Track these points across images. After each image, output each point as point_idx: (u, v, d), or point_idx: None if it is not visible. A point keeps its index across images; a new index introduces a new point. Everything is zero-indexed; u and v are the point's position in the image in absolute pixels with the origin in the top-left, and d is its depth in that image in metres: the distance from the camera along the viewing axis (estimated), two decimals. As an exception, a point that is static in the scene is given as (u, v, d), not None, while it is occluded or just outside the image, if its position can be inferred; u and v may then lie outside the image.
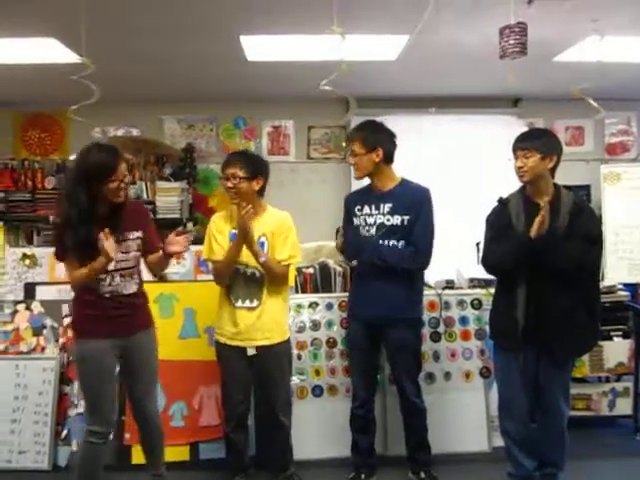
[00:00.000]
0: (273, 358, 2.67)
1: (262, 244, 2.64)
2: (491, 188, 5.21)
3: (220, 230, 2.68)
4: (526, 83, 5.19)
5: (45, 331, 3.24)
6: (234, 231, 2.64)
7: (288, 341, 2.78)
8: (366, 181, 2.90)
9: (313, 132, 5.73)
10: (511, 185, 2.80)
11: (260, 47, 3.97)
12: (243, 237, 2.54)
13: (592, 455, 3.11)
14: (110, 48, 3.83)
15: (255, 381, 2.73)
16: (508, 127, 5.68)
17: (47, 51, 3.95)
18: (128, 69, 4.50)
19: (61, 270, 3.43)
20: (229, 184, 2.61)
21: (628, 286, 3.94)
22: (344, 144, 5.65)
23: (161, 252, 2.48)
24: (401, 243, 2.71)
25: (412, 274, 2.77)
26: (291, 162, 5.68)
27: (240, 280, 2.64)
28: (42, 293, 3.35)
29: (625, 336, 3.51)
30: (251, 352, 2.64)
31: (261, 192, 2.69)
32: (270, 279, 2.64)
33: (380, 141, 2.73)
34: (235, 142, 5.67)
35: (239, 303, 2.65)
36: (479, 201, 4.95)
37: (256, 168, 2.65)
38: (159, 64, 4.42)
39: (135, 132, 5.54)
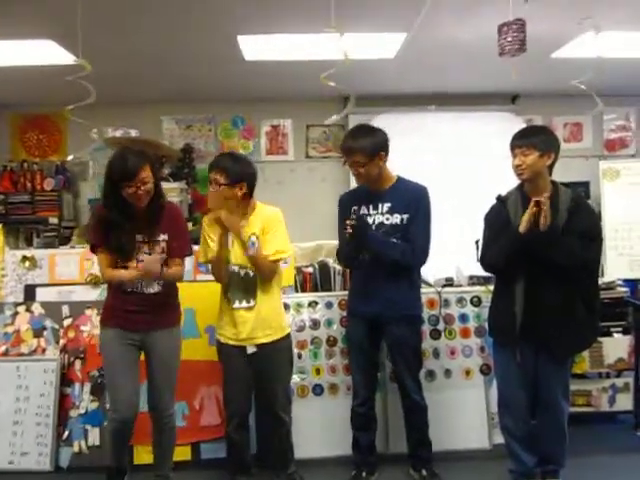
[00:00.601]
0: (273, 355, 2.69)
1: (252, 244, 2.62)
2: (490, 185, 5.21)
3: (214, 231, 2.66)
4: (524, 80, 5.15)
5: (46, 332, 3.25)
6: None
7: (288, 336, 2.78)
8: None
9: (311, 131, 5.73)
10: (510, 182, 2.80)
11: (257, 46, 3.98)
12: (229, 230, 2.58)
13: (593, 451, 3.11)
14: (107, 49, 3.84)
15: (255, 378, 2.73)
16: (506, 124, 5.69)
17: (44, 53, 3.96)
18: (126, 70, 4.51)
19: (62, 271, 3.45)
20: (211, 189, 2.61)
21: (628, 282, 3.93)
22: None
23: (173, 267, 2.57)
24: (400, 243, 2.71)
25: (410, 271, 2.77)
26: (290, 161, 5.69)
27: (236, 281, 2.65)
28: (42, 295, 3.35)
29: (625, 332, 3.51)
30: (251, 350, 2.65)
31: (250, 194, 2.67)
32: (260, 275, 2.65)
33: (381, 145, 2.69)
34: (234, 142, 5.68)
35: (236, 304, 2.66)
36: (478, 198, 4.97)
37: (239, 174, 2.58)
38: (157, 64, 4.43)
39: (134, 133, 5.52)
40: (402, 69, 4.69)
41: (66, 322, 3.25)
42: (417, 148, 5.12)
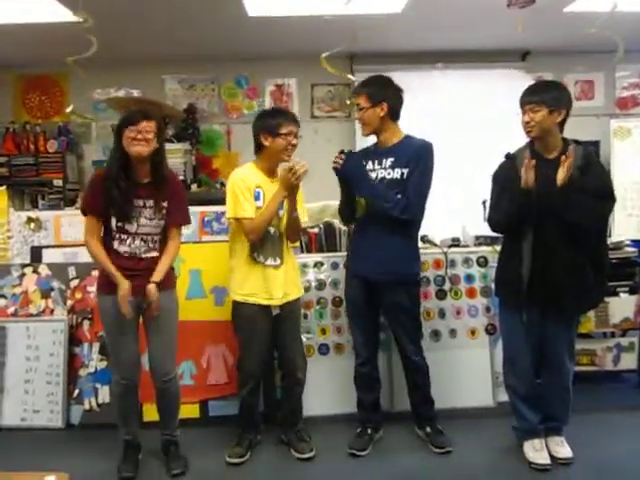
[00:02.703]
0: (295, 313, 2.78)
1: (281, 203, 2.65)
2: (498, 144, 5.16)
3: (248, 187, 2.64)
4: (535, 36, 5.04)
5: (53, 293, 3.27)
6: (258, 189, 2.64)
7: (301, 299, 2.88)
8: (372, 140, 2.85)
9: (316, 90, 5.61)
10: (518, 141, 2.75)
11: (262, 1, 3.86)
12: (291, 191, 2.59)
13: (596, 409, 3.14)
14: (109, 8, 3.73)
15: (278, 339, 2.76)
16: (516, 81, 5.56)
17: (45, 10, 3.86)
18: (127, 29, 4.41)
19: (67, 233, 3.45)
20: (295, 141, 2.67)
21: (636, 242, 3.90)
22: (348, 101, 5.55)
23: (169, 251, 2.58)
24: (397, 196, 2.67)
25: (407, 229, 2.72)
26: (295, 121, 5.59)
27: (266, 239, 2.66)
28: (48, 256, 3.37)
29: (632, 292, 3.51)
30: (275, 312, 2.69)
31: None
32: (291, 236, 2.74)
33: (386, 95, 2.68)
34: (238, 101, 5.59)
35: (268, 261, 2.67)
36: (486, 158, 4.91)
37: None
38: (158, 23, 4.32)
39: (136, 93, 5.44)
40: (409, 25, 4.56)
41: (73, 283, 3.27)
42: (424, 107, 5.00)
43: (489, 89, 5.39)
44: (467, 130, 5.11)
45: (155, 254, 2.55)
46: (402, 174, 2.67)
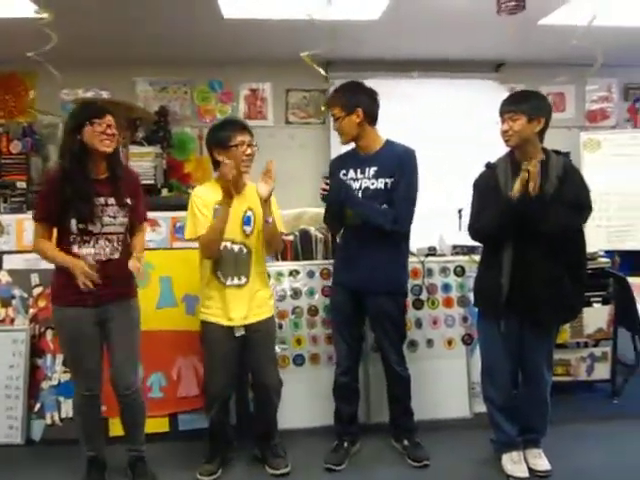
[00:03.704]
0: (260, 336, 2.60)
1: (249, 218, 2.55)
2: (474, 153, 5.19)
3: (204, 204, 2.53)
4: (509, 47, 5.11)
5: (14, 302, 3.11)
6: (218, 206, 2.51)
7: (273, 318, 2.73)
8: (348, 145, 2.80)
9: (291, 95, 5.56)
10: (495, 150, 2.74)
11: (237, 3, 3.78)
12: (235, 188, 2.46)
13: (571, 419, 3.14)
14: (78, 7, 3.62)
15: (248, 360, 2.65)
16: (491, 92, 5.62)
17: (9, 5, 3.71)
18: (98, 29, 4.26)
19: (30, 238, 3.26)
20: (250, 150, 2.52)
21: (607, 253, 3.95)
22: (323, 108, 5.51)
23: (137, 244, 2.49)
24: (384, 207, 2.63)
25: (396, 240, 2.68)
26: (269, 127, 5.52)
27: (227, 257, 2.54)
28: (10, 262, 3.20)
29: (604, 302, 3.53)
30: (239, 333, 2.55)
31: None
32: (270, 244, 2.61)
33: (359, 101, 2.63)
34: (211, 105, 5.48)
35: (228, 281, 2.54)
36: (461, 167, 4.94)
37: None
38: (130, 23, 4.20)
39: (105, 95, 5.30)
40: (386, 33, 4.55)
41: (36, 291, 3.12)
42: (399, 115, 4.98)
43: (463, 99, 5.42)
44: (442, 139, 5.13)
45: (118, 256, 2.41)
46: (386, 184, 2.62)
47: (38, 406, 3.00)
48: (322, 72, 3.66)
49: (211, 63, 5.29)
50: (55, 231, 2.40)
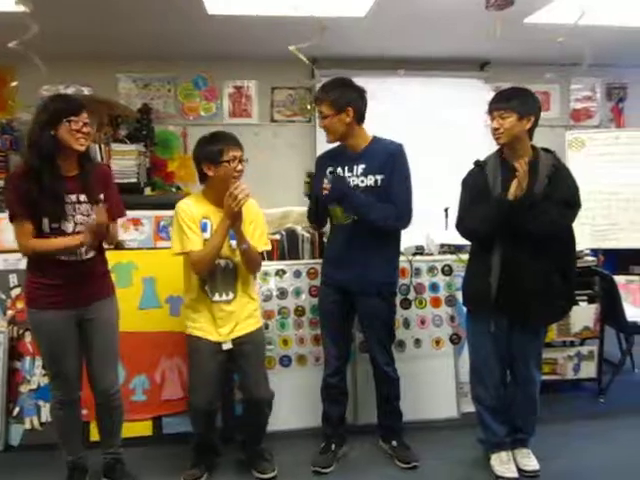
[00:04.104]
0: (251, 346, 2.55)
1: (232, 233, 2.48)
2: (460, 151, 5.19)
3: (191, 218, 2.45)
4: (494, 46, 5.10)
5: (-8, 303, 3.02)
6: (205, 220, 2.45)
7: (262, 329, 2.67)
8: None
9: (276, 93, 5.50)
10: (479, 148, 2.71)
11: (221, -1, 3.73)
12: (234, 220, 2.38)
13: (558, 418, 3.14)
14: (60, 1, 3.52)
15: (238, 371, 2.62)
16: (475, 91, 5.63)
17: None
18: (79, 24, 4.17)
19: (8, 237, 3.19)
20: (241, 167, 2.44)
21: (592, 252, 3.96)
22: (309, 106, 5.46)
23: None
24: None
25: (390, 238, 2.66)
26: (254, 124, 5.46)
27: (215, 272, 2.48)
28: (-13, 263, 3.11)
29: (590, 301, 3.54)
30: (227, 347, 2.50)
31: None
32: (247, 267, 2.51)
33: (350, 100, 2.57)
34: (195, 103, 5.40)
35: (216, 297, 2.49)
36: (446, 165, 4.93)
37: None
38: (112, 18, 4.11)
39: (87, 91, 5.19)
40: (372, 30, 4.52)
41: (14, 292, 3.03)
42: (384, 113, 4.96)
43: (449, 97, 5.42)
44: (428, 137, 5.12)
45: (93, 254, 2.34)
46: (376, 181, 2.58)
47: (17, 410, 2.91)
48: (310, 64, 3.57)
49: (195, 60, 5.22)
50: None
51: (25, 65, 3.53)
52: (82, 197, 2.29)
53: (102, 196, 2.32)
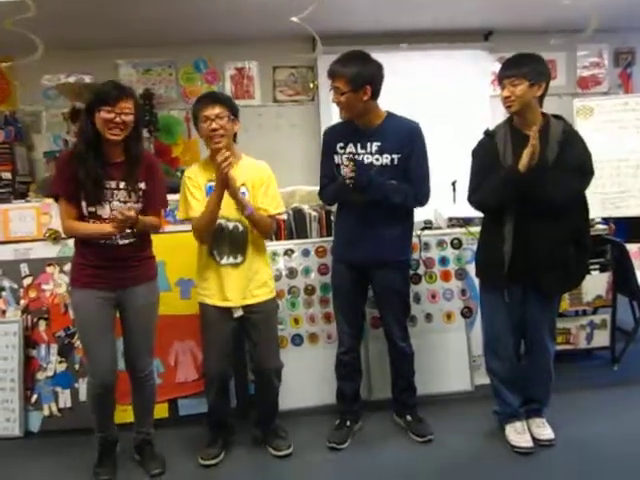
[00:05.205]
0: (262, 317, 2.54)
1: (243, 194, 2.44)
2: (464, 124, 5.12)
3: (196, 185, 2.46)
4: (498, 15, 5.01)
5: (4, 293, 3.04)
6: (210, 184, 2.43)
7: (275, 300, 2.65)
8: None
9: (278, 73, 5.45)
10: (485, 120, 2.66)
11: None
12: (224, 187, 2.33)
13: (572, 388, 3.13)
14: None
15: (248, 341, 2.61)
16: (480, 62, 5.54)
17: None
18: (78, 11, 4.13)
19: (17, 228, 3.22)
20: (214, 125, 2.37)
21: (604, 220, 3.92)
22: (311, 85, 5.41)
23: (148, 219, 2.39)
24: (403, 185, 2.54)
25: (406, 215, 2.63)
26: (256, 106, 5.42)
27: (222, 235, 2.46)
28: (-2, 253, 3.13)
29: (602, 269, 3.51)
30: (237, 314, 2.49)
31: (235, 138, 2.50)
32: (256, 232, 2.49)
33: (369, 76, 2.44)
34: (196, 86, 5.37)
35: (224, 260, 2.47)
36: (453, 138, 4.87)
37: (235, 108, 2.46)
38: (111, 4, 4.07)
39: (88, 79, 5.17)
40: (373, 4, 4.45)
41: (26, 281, 3.05)
42: (389, 88, 4.90)
43: (454, 69, 5.35)
44: (434, 111, 5.04)
45: (132, 239, 2.37)
46: (392, 160, 2.52)
47: (35, 397, 2.95)
48: (312, 38, 3.47)
49: (195, 42, 5.17)
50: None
51: (26, 55, 3.51)
52: (122, 184, 2.32)
53: (143, 185, 2.35)
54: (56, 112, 5.23)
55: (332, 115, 5.09)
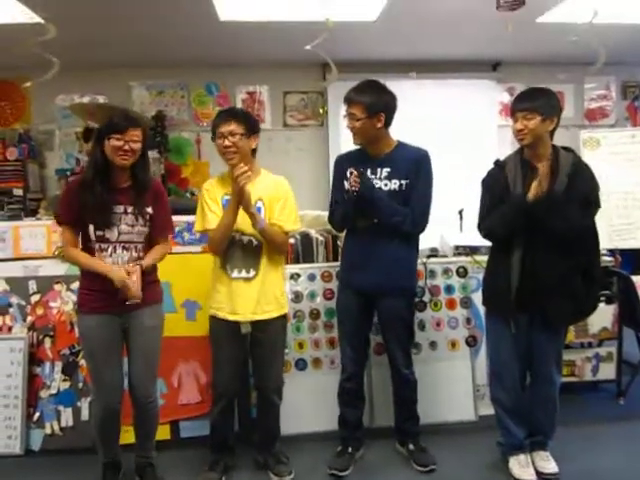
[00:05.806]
0: (269, 335, 2.54)
1: (258, 209, 2.46)
2: (474, 153, 5.17)
3: (213, 197, 2.49)
4: (506, 46, 5.09)
5: (11, 310, 3.06)
6: (227, 197, 2.46)
7: (285, 316, 2.63)
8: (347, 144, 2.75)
9: (289, 98, 5.54)
10: (493, 150, 2.69)
11: (233, 5, 3.76)
12: (239, 200, 2.37)
13: (577, 421, 3.09)
14: (74, 10, 3.58)
15: (252, 358, 2.62)
16: (488, 91, 5.62)
17: (5, 11, 3.67)
18: (93, 33, 4.24)
19: (27, 245, 3.26)
20: (227, 142, 2.41)
21: (609, 252, 3.92)
22: (321, 110, 5.48)
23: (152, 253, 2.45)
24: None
25: (409, 240, 2.65)
26: (267, 130, 5.48)
27: (235, 249, 2.47)
28: (6, 270, 3.15)
29: (608, 301, 3.50)
30: (245, 330, 2.49)
31: (254, 152, 2.54)
32: (269, 248, 2.49)
33: (384, 106, 2.53)
34: (208, 109, 5.46)
35: (235, 273, 2.48)
36: (460, 167, 4.91)
37: (253, 124, 2.49)
38: (126, 27, 4.17)
39: (101, 99, 5.28)
40: (383, 34, 4.53)
41: (33, 298, 3.07)
42: (398, 116, 4.98)
43: (462, 99, 5.41)
44: (442, 140, 5.08)
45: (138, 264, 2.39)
46: (401, 185, 2.57)
47: (37, 415, 2.95)
48: (330, 62, 3.52)
49: (207, 66, 5.29)
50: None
51: (41, 74, 3.59)
52: (129, 209, 2.37)
53: (150, 209, 2.40)
54: (69, 131, 5.33)
55: (341, 140, 5.16)
